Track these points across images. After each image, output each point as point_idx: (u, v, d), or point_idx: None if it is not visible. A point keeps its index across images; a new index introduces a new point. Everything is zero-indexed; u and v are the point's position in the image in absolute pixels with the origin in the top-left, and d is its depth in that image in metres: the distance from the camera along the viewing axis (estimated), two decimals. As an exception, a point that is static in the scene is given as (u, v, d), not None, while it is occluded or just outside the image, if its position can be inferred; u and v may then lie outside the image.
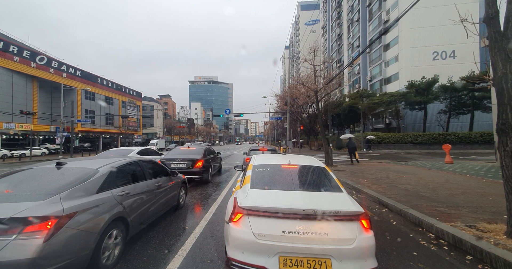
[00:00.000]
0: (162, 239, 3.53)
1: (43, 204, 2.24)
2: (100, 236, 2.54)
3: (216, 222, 4.24)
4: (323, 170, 3.23)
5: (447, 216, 4.03)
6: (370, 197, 5.77)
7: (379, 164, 12.27)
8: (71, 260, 2.22)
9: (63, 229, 2.18)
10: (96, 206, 2.63)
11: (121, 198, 3.05)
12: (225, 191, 6.88)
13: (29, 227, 2.03)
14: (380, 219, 4.34)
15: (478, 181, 7.14)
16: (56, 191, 2.46)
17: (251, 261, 2.10)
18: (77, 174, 2.90)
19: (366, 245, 2.13)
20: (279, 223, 2.16)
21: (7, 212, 2.06)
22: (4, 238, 1.94)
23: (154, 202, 3.84)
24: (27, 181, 2.80)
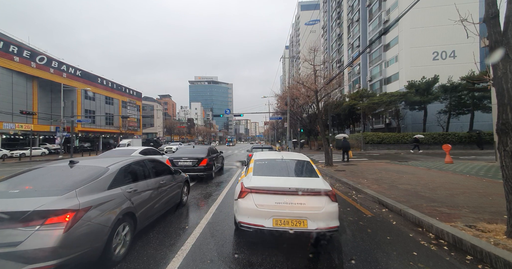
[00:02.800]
0: (162, 239, 3.53)
1: (61, 198, 2.45)
2: (112, 229, 2.72)
3: (216, 222, 4.24)
4: (307, 162, 4.19)
5: (447, 216, 4.03)
6: (370, 197, 5.77)
7: (379, 164, 12.27)
8: (86, 250, 2.42)
9: (79, 221, 2.38)
10: (108, 201, 2.82)
11: (130, 194, 3.25)
12: (226, 190, 6.88)
13: (50, 219, 2.24)
14: (380, 219, 4.34)
15: (478, 181, 7.14)
16: (72, 187, 2.66)
17: (254, 222, 3.06)
18: (89, 172, 3.10)
19: (331, 211, 3.08)
20: (273, 197, 3.14)
21: (30, 205, 2.26)
22: (28, 229, 2.15)
23: (159, 199, 4.05)
24: (44, 178, 3.03)
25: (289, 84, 35.47)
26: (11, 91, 29.12)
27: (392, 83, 33.59)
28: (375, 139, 25.38)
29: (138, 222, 3.30)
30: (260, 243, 3.37)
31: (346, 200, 5.72)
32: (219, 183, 8.19)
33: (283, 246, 3.28)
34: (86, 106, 39.55)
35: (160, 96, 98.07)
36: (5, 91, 28.41)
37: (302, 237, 3.26)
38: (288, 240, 3.35)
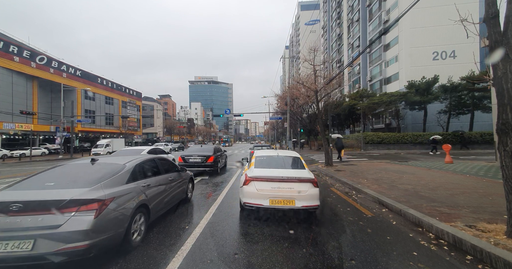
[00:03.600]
0: (162, 239, 3.54)
1: (91, 190, 2.85)
2: (131, 218, 3.14)
3: (216, 222, 4.24)
4: (297, 158, 5.26)
5: (447, 216, 4.03)
6: (370, 197, 5.77)
7: (379, 164, 12.27)
8: (111, 234, 2.81)
9: (106, 210, 2.79)
10: (127, 194, 3.23)
11: (144, 188, 3.66)
12: (226, 190, 6.88)
13: (83, 206, 2.65)
14: (380, 219, 4.34)
15: (478, 181, 7.14)
16: (97, 181, 3.07)
17: (255, 202, 4.08)
18: (109, 168, 3.53)
19: (313, 194, 4.08)
20: (269, 184, 4.14)
21: (66, 195, 2.68)
22: (66, 214, 2.56)
23: (168, 193, 4.46)
24: (72, 173, 3.48)
25: (289, 84, 35.48)
26: (11, 91, 29.13)
27: (392, 83, 33.59)
28: (375, 139, 25.37)
29: (151, 213, 3.70)
30: (259, 219, 4.42)
31: (346, 200, 5.72)
32: (220, 183, 8.20)
33: (276, 218, 4.37)
34: (86, 106, 39.57)
35: (160, 96, 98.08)
36: (5, 91, 28.42)
37: (290, 212, 4.43)
38: (280, 214, 4.46)
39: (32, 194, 2.80)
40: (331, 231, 3.77)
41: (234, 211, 4.92)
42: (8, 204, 2.55)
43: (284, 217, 4.39)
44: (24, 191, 2.91)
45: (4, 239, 2.42)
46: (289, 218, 4.37)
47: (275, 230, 3.82)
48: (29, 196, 2.72)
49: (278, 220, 4.27)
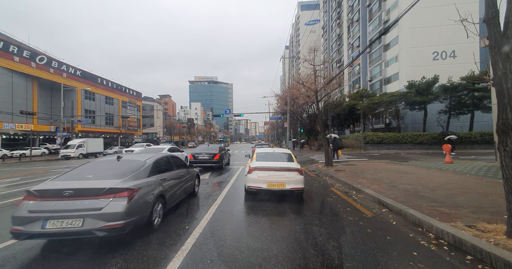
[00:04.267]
0: (162, 239, 3.55)
1: (122, 181, 3.49)
2: (152, 205, 3.78)
3: (216, 222, 4.24)
4: (289, 154, 6.68)
5: (447, 216, 4.03)
6: (370, 197, 5.77)
7: (379, 164, 12.27)
8: (139, 217, 3.44)
9: (135, 197, 3.41)
10: (149, 185, 3.86)
11: (161, 181, 4.31)
12: (226, 190, 6.88)
13: (118, 194, 3.28)
14: (380, 219, 4.34)
15: (478, 181, 7.14)
16: (126, 174, 3.72)
17: (256, 185, 5.44)
18: (133, 164, 4.16)
19: (299, 179, 5.46)
20: (267, 172, 5.55)
21: (105, 185, 3.32)
22: (107, 200, 3.21)
23: (179, 186, 5.16)
24: (104, 168, 4.12)
25: (289, 84, 35.49)
26: (11, 91, 29.12)
27: (392, 83, 33.58)
28: (375, 139, 25.37)
29: (167, 202, 4.38)
30: (258, 197, 6.03)
31: (346, 200, 5.72)
32: (220, 183, 8.20)
33: (272, 197, 5.94)
34: (86, 106, 39.56)
35: (160, 96, 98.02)
36: (5, 91, 28.41)
37: (281, 192, 5.71)
38: (275, 194, 5.91)
39: (78, 183, 3.45)
40: (331, 231, 3.77)
41: (239, 196, 6.41)
42: (61, 191, 3.22)
43: (277, 195, 5.95)
44: (70, 181, 3.56)
45: (60, 218, 3.05)
46: (280, 196, 5.95)
47: (271, 204, 5.57)
48: (77, 185, 3.36)
49: (273, 197, 5.94)
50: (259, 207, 5.23)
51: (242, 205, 5.47)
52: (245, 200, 5.83)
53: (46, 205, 3.15)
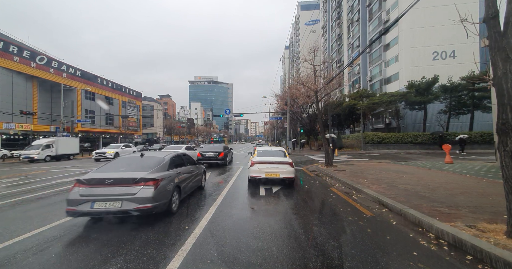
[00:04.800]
0: (162, 239, 3.55)
1: (149, 173, 4.34)
2: (171, 193, 4.62)
3: (216, 222, 4.24)
4: (282, 150, 8.40)
5: (447, 216, 4.03)
6: (370, 197, 5.77)
7: (379, 164, 12.27)
8: (162, 202, 4.27)
9: (159, 186, 4.24)
10: (169, 177, 4.71)
11: (177, 174, 5.15)
12: (226, 190, 6.88)
13: (147, 182, 4.11)
14: (380, 219, 4.34)
15: (478, 181, 7.14)
16: (151, 167, 4.58)
17: (257, 175, 7.15)
18: (155, 160, 5.03)
19: (290, 170, 7.15)
20: (265, 165, 7.25)
21: (137, 175, 4.16)
22: (139, 187, 4.04)
23: (190, 180, 6.01)
24: (132, 162, 4.93)
25: (289, 84, 35.48)
26: (11, 91, 29.11)
27: (392, 83, 33.58)
28: (375, 138, 25.37)
29: (181, 192, 5.27)
30: (258, 184, 7.61)
31: (346, 200, 5.72)
32: (219, 183, 8.20)
33: (269, 183, 7.62)
34: (86, 106, 39.54)
35: (160, 96, 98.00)
36: (5, 91, 28.40)
37: (276, 180, 7.32)
38: (271, 181, 7.57)
39: (115, 174, 4.26)
40: (331, 231, 3.77)
41: (243, 186, 7.93)
42: (104, 179, 4.06)
43: (273, 182, 7.67)
44: (108, 172, 4.37)
45: (104, 200, 3.90)
46: (275, 183, 7.67)
47: (267, 188, 7.37)
48: (115, 175, 4.19)
49: (269, 184, 7.67)
50: (259, 191, 7.05)
51: (246, 188, 7.44)
52: (248, 187, 7.43)
53: (93, 190, 4.03)
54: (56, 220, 4.48)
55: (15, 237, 3.71)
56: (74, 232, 3.94)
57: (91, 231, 3.95)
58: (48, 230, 4.02)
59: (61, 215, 4.57)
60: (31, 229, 4.03)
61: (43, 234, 3.85)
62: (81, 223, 4.30)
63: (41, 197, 6.59)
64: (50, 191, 7.40)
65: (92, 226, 4.21)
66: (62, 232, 3.91)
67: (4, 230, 4.05)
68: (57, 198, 6.46)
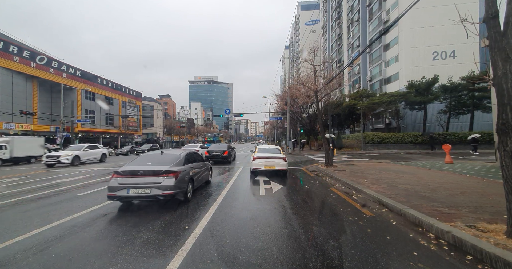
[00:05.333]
0: (162, 239, 3.55)
1: (171, 166, 5.32)
2: (187, 183, 5.64)
3: (216, 222, 4.24)
4: (278, 148, 10.59)
5: (447, 216, 4.03)
6: (370, 197, 5.77)
7: (379, 164, 12.27)
8: (181, 190, 5.25)
9: (178, 177, 5.20)
10: (185, 170, 5.69)
11: (191, 169, 6.13)
12: (226, 190, 6.89)
13: (170, 174, 5.06)
14: (380, 219, 4.33)
15: (478, 181, 7.14)
16: (172, 162, 5.61)
17: (257, 167, 9.33)
18: (173, 156, 6.08)
19: (284, 164, 9.30)
20: (264, 159, 9.39)
21: (161, 168, 5.14)
22: (164, 177, 4.99)
23: (200, 174, 6.96)
24: (154, 158, 5.95)
25: (289, 84, 35.49)
26: (11, 92, 29.11)
27: (392, 83, 33.59)
28: (375, 139, 25.37)
29: (194, 183, 6.25)
30: (259, 174, 9.75)
31: (346, 200, 5.72)
32: (219, 183, 8.21)
33: (267, 173, 9.67)
34: (86, 106, 39.54)
35: (160, 96, 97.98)
36: (5, 92, 28.40)
37: (273, 171, 9.40)
38: (269, 172, 9.57)
39: (144, 167, 5.28)
40: (331, 231, 3.77)
41: (246, 176, 9.81)
42: (136, 171, 5.09)
43: (271, 172, 9.71)
44: (138, 166, 5.40)
45: (137, 188, 4.91)
46: (272, 173, 9.71)
47: (266, 177, 9.24)
48: (144, 168, 5.22)
49: (267, 174, 9.69)
50: (259, 178, 9.20)
51: (249, 179, 9.39)
52: (250, 177, 9.35)
53: (128, 179, 5.02)
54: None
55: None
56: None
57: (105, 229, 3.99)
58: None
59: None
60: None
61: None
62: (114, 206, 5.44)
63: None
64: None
65: (93, 225, 4.25)
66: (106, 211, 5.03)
67: (5, 231, 4.04)
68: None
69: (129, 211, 5.09)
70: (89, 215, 4.86)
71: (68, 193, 7.04)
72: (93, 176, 10.93)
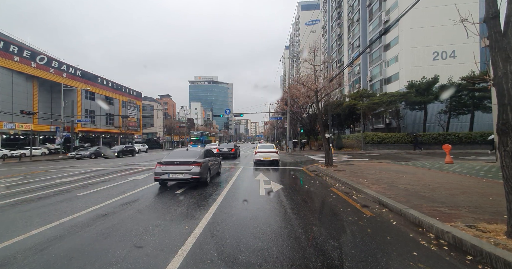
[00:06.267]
0: (162, 239, 3.56)
1: (196, 159, 7.45)
2: (207, 172, 7.76)
3: (216, 222, 4.24)
4: (273, 145, 15.41)
5: (447, 216, 4.02)
6: (370, 197, 5.77)
7: (379, 164, 12.27)
8: (203, 176, 7.39)
9: (202, 166, 7.32)
10: (205, 162, 7.70)
11: (208, 161, 8.13)
12: (225, 191, 6.89)
13: (196, 164, 7.26)
14: (380, 219, 4.33)
15: (478, 181, 7.13)
16: (196, 156, 7.67)
17: (258, 159, 13.64)
18: (196, 151, 8.17)
19: (276, 155, 13.74)
20: (263, 153, 13.78)
21: (190, 159, 7.36)
22: (192, 166, 7.20)
23: (214, 166, 9.03)
24: (183, 153, 8.06)
25: (289, 84, 35.47)
26: (11, 91, 29.13)
27: (392, 83, 33.58)
28: (375, 139, 25.36)
29: (211, 172, 8.32)
30: (259, 165, 13.70)
31: (346, 200, 5.72)
32: (219, 184, 8.21)
33: (265, 163, 13.66)
34: (86, 106, 39.57)
35: (160, 96, 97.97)
36: (5, 91, 28.43)
37: (269, 161, 13.50)
38: (266, 162, 13.61)
39: (178, 159, 7.37)
40: (331, 231, 3.76)
41: (249, 165, 14.11)
42: (173, 162, 7.22)
43: (267, 162, 13.48)
44: (174, 158, 7.46)
45: (175, 173, 7.08)
46: (268, 163, 13.54)
47: (264, 166, 13.12)
48: (178, 159, 7.31)
49: (265, 164, 13.54)
50: (259, 167, 12.96)
51: (252, 167, 13.42)
52: (253, 164, 13.80)
53: (168, 167, 7.18)
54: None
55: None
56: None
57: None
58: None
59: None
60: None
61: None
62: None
63: None
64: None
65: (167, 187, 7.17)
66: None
67: (5, 231, 4.04)
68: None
69: (166, 191, 7.30)
70: (142, 191, 7.25)
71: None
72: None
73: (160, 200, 6.06)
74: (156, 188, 7.48)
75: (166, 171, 7.05)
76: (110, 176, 10.51)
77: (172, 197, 6.30)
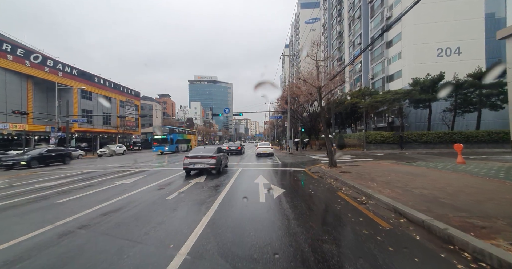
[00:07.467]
0: (162, 239, 3.40)
1: (213, 154, 10.45)
2: (220, 163, 10.87)
3: (216, 222, 3.61)
4: (269, 143, 26.98)
5: (482, 231, 3.36)
6: (383, 203, 5.10)
7: (385, 165, 11.61)
8: (218, 166, 10.48)
9: (216, 159, 10.33)
10: (218, 156, 10.67)
11: (220, 155, 11.09)
12: (224, 192, 6.23)
13: (212, 157, 10.28)
14: (400, 233, 3.67)
15: (501, 184, 6.47)
16: (212, 151, 10.66)
17: (259, 152, 22.16)
18: (212, 148, 11.12)
19: (271, 150, 22.50)
20: (261, 148, 22.46)
21: (209, 154, 10.38)
22: (210, 159, 10.21)
23: (224, 160, 11.82)
24: (202, 150, 11.02)
25: (289, 82, 34.80)
26: (4, 91, 28.45)
27: (395, 81, 32.88)
28: (378, 138, 24.69)
29: (222, 164, 11.25)
30: (259, 156, 21.48)
31: (357, 208, 5.05)
32: (218, 186, 7.56)
33: (263, 155, 21.64)
34: (83, 106, 38.90)
35: (159, 96, 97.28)
36: (-1, 91, 27.74)
37: (266, 153, 21.67)
38: (264, 154, 21.67)
39: (200, 154, 10.39)
40: (345, 250, 3.11)
41: (252, 158, 20.66)
42: (196, 156, 10.28)
43: (265, 155, 21.50)
44: (197, 153, 10.50)
45: (198, 164, 10.13)
46: (265, 155, 21.47)
47: (263, 158, 21.05)
48: (200, 154, 10.37)
49: (264, 156, 21.13)
50: (259, 159, 19.35)
51: (254, 158, 19.93)
52: (255, 157, 20.35)
53: (193, 160, 10.07)
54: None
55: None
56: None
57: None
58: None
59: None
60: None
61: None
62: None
63: None
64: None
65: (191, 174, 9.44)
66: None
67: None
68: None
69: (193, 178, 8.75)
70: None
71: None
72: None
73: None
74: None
75: (191, 162, 10.00)
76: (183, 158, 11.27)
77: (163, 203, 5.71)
